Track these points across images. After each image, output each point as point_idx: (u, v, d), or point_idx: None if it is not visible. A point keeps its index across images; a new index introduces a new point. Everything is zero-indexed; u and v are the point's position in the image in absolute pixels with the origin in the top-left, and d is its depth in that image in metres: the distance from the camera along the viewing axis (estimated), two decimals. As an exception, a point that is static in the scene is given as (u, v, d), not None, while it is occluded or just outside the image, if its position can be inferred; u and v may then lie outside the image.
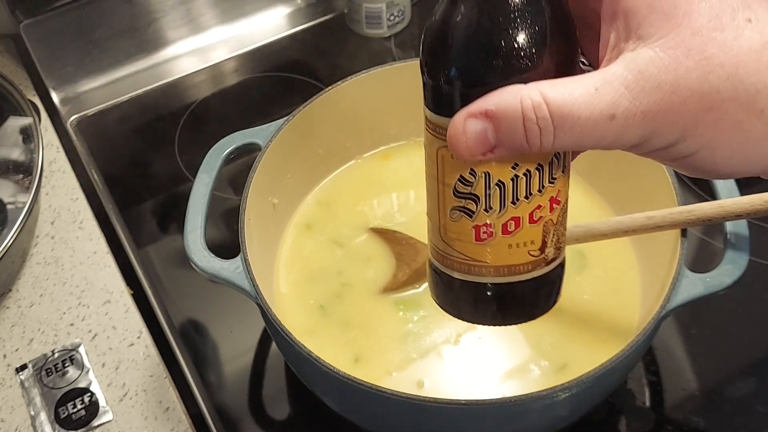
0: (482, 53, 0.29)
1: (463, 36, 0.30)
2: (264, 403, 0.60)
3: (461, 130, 0.29)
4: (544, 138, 0.29)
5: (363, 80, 0.61)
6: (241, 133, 0.58)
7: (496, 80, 0.29)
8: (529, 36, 0.29)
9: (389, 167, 0.66)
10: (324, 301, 0.58)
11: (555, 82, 0.29)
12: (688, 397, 0.57)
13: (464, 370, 0.54)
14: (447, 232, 0.33)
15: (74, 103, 0.83)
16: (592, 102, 0.28)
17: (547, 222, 0.32)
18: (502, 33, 0.29)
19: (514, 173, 0.30)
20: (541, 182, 0.31)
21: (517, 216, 0.31)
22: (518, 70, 0.29)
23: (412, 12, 0.88)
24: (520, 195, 0.31)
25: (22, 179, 0.63)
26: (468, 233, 0.32)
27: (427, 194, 0.34)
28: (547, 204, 0.32)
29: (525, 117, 0.28)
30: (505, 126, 0.29)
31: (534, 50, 0.29)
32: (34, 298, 0.63)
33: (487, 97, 0.29)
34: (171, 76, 0.85)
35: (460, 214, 0.32)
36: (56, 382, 0.58)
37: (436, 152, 0.32)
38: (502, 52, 0.29)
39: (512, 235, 0.32)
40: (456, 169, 0.31)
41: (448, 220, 0.33)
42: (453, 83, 0.30)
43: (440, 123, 0.31)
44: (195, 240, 0.52)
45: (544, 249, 0.33)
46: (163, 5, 0.86)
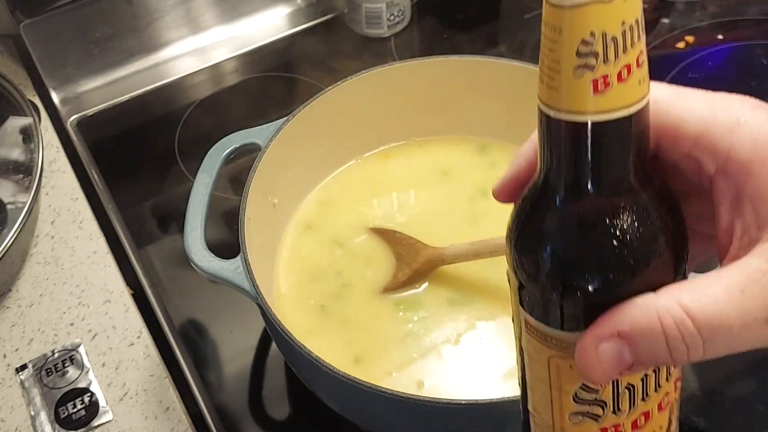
0: (606, 262, 0.26)
1: (582, 244, 0.26)
2: (264, 403, 0.60)
3: (594, 357, 0.26)
4: (692, 353, 0.25)
5: (363, 80, 0.61)
6: (241, 133, 0.58)
7: (621, 290, 0.26)
8: (653, 236, 0.26)
9: (389, 167, 0.66)
10: (324, 301, 0.58)
11: (690, 288, 0.26)
12: (688, 397, 0.57)
13: (464, 370, 0.54)
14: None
15: (74, 102, 0.83)
16: (741, 308, 0.25)
17: (672, 403, 0.30)
18: (624, 237, 0.26)
19: (644, 373, 0.28)
20: (668, 371, 0.29)
21: (647, 410, 0.29)
22: (645, 275, 0.26)
23: (412, 12, 0.88)
24: (649, 391, 0.28)
25: (22, 179, 0.63)
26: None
27: (531, 392, 0.31)
28: (673, 387, 0.30)
29: (668, 336, 0.25)
30: (644, 346, 0.26)
31: (659, 250, 0.26)
32: (34, 298, 0.63)
33: (616, 316, 0.26)
34: (171, 76, 0.85)
35: (583, 419, 0.29)
36: (56, 382, 0.58)
37: (547, 360, 0.29)
38: (627, 259, 0.26)
39: (641, 429, 0.29)
40: (577, 378, 0.28)
41: (566, 423, 0.30)
42: (571, 298, 0.27)
43: (553, 335, 0.28)
44: (195, 240, 0.52)
45: (670, 428, 0.31)
46: (163, 5, 0.86)
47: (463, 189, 0.64)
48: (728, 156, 0.27)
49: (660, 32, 0.84)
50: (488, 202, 0.63)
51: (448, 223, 0.62)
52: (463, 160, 0.66)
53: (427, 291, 0.58)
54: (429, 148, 0.67)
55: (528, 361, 0.30)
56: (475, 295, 0.57)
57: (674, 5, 0.87)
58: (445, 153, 0.66)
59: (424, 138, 0.67)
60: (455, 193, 0.64)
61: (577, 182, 0.26)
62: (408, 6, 0.86)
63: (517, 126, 0.65)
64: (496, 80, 0.62)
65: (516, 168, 0.31)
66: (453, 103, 0.65)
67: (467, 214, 0.62)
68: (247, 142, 0.58)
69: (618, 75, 0.24)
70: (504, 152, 0.66)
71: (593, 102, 0.25)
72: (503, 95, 0.63)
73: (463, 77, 0.63)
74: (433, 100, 0.64)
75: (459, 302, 0.57)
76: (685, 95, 0.28)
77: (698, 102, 0.28)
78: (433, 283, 0.58)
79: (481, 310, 0.57)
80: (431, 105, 0.65)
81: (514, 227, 0.29)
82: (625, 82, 0.25)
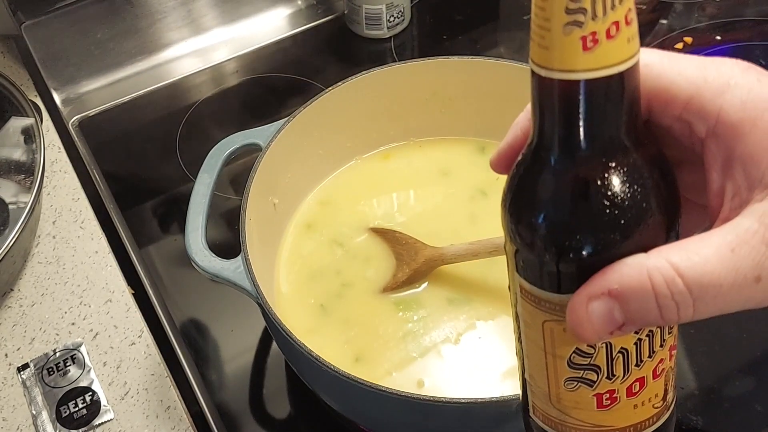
0: (597, 223, 0.26)
1: (573, 205, 0.27)
2: (264, 402, 0.60)
3: (584, 315, 0.26)
4: (682, 312, 0.26)
5: (363, 81, 0.61)
6: (241, 133, 0.58)
7: (612, 251, 0.26)
8: (645, 197, 0.26)
9: (389, 167, 0.66)
10: (324, 300, 0.58)
11: (681, 247, 0.26)
12: (686, 396, 0.58)
13: (464, 370, 0.54)
14: (561, 401, 0.30)
15: (76, 103, 0.83)
16: (731, 266, 0.25)
17: (667, 371, 0.30)
18: (616, 198, 0.26)
19: (637, 338, 0.28)
20: (662, 337, 0.29)
21: (642, 376, 0.29)
22: (636, 236, 0.26)
23: (411, 13, 0.88)
24: (643, 356, 0.28)
25: (23, 179, 0.63)
26: (588, 402, 0.29)
27: (528, 360, 0.31)
28: (668, 354, 0.29)
29: (658, 294, 0.25)
30: (635, 304, 0.26)
31: (651, 211, 0.26)
32: (35, 298, 0.64)
33: (607, 274, 0.26)
34: (172, 77, 0.85)
35: (578, 384, 0.29)
36: (57, 381, 0.58)
37: (541, 325, 0.29)
38: (618, 219, 0.26)
39: (637, 396, 0.29)
40: (570, 342, 0.28)
41: (562, 390, 0.30)
42: (563, 259, 0.27)
43: (546, 298, 0.28)
44: (196, 240, 0.52)
45: (666, 396, 0.30)
46: (164, 6, 0.86)
47: (463, 189, 0.64)
48: (718, 118, 0.27)
49: (658, 33, 0.85)
50: (488, 202, 0.63)
51: (448, 223, 0.62)
52: (462, 160, 0.66)
53: (427, 290, 0.58)
54: (429, 148, 0.67)
55: (523, 327, 0.30)
56: (475, 295, 0.58)
57: (673, 6, 0.88)
58: (445, 153, 0.67)
59: (424, 138, 0.67)
60: (455, 193, 0.64)
61: (569, 143, 0.27)
62: (408, 7, 0.87)
63: (516, 126, 0.65)
64: (496, 81, 0.62)
65: (512, 137, 0.31)
66: (453, 104, 0.65)
67: (467, 214, 0.63)
68: (248, 142, 0.58)
69: (607, 32, 0.25)
70: (503, 152, 0.66)
71: (583, 59, 0.25)
72: (503, 96, 0.63)
73: (463, 78, 0.63)
74: (433, 100, 0.65)
75: (458, 302, 0.57)
76: (676, 59, 0.28)
77: (689, 65, 0.28)
78: (433, 283, 0.59)
79: (481, 310, 0.57)
80: (431, 105, 0.65)
81: (507, 192, 0.29)
82: (614, 39, 0.25)
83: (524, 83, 0.67)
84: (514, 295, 0.30)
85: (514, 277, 0.29)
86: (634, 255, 0.26)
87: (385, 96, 0.63)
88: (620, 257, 0.26)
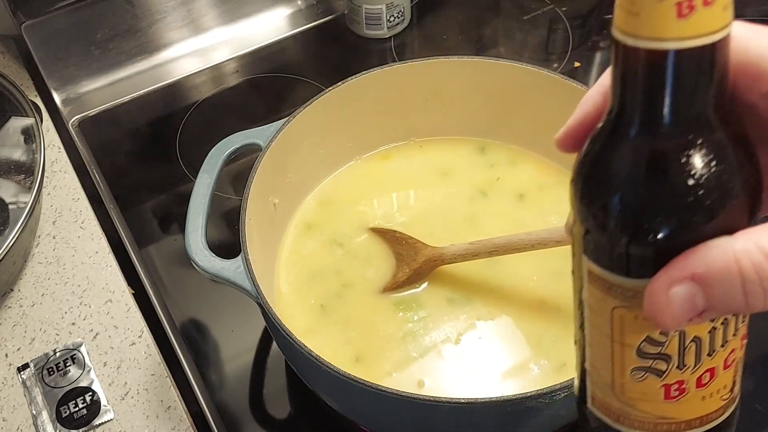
0: (681, 203, 0.25)
1: (655, 184, 0.25)
2: (265, 402, 0.60)
3: (664, 300, 0.25)
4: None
5: (363, 81, 0.61)
6: (241, 133, 0.58)
7: (696, 233, 0.25)
8: (731, 177, 0.25)
9: (389, 167, 0.66)
10: (324, 300, 0.58)
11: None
12: (686, 396, 0.58)
13: (464, 370, 0.54)
14: (626, 392, 0.29)
15: (76, 103, 0.83)
16: None
17: (737, 362, 0.29)
18: (701, 177, 0.24)
19: (711, 326, 0.27)
20: (735, 326, 0.27)
21: (713, 366, 0.28)
22: (720, 218, 0.25)
23: (411, 13, 0.88)
24: (716, 346, 0.27)
25: (23, 179, 0.63)
26: (656, 393, 0.28)
27: (591, 348, 0.30)
28: (739, 344, 0.28)
29: (745, 279, 0.24)
30: (719, 290, 0.24)
31: (736, 192, 0.25)
32: (35, 298, 0.64)
33: (690, 258, 0.25)
34: (172, 77, 0.85)
35: (645, 374, 0.28)
36: (58, 382, 0.58)
37: (610, 312, 0.27)
38: (703, 200, 0.24)
39: (706, 387, 0.28)
40: (641, 330, 0.27)
41: (627, 380, 0.29)
42: (641, 242, 0.25)
43: (618, 283, 0.27)
44: (196, 240, 0.52)
45: (734, 388, 0.29)
46: (164, 6, 0.86)
47: (463, 189, 0.64)
48: None
49: (659, 33, 0.85)
50: (488, 202, 0.63)
51: (448, 223, 0.62)
52: (463, 160, 0.66)
53: (427, 290, 0.58)
54: (429, 148, 0.67)
55: (588, 314, 0.29)
56: (475, 295, 0.58)
57: (673, 6, 0.88)
58: (445, 153, 0.67)
59: (424, 138, 0.67)
60: (455, 193, 0.64)
61: (652, 118, 0.25)
62: (408, 7, 0.87)
63: (516, 126, 0.65)
64: (496, 81, 0.62)
65: (582, 113, 0.29)
66: (453, 104, 0.65)
67: (467, 214, 0.63)
68: (248, 142, 0.58)
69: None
70: (504, 152, 0.66)
71: (676, 27, 0.23)
72: (503, 96, 0.63)
73: (463, 78, 0.63)
74: (433, 100, 0.65)
75: (459, 302, 0.57)
76: (765, 33, 0.27)
77: None
78: (433, 283, 0.59)
79: (481, 310, 0.57)
80: (431, 105, 0.65)
81: (580, 169, 0.27)
82: (710, 6, 0.23)
83: (524, 83, 0.67)
84: (579, 281, 0.29)
85: (582, 260, 0.28)
86: (719, 238, 0.25)
87: (385, 96, 0.63)
88: (703, 240, 0.25)
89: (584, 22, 0.88)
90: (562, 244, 0.53)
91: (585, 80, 0.82)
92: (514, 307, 0.57)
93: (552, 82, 0.60)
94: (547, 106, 0.62)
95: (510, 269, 0.58)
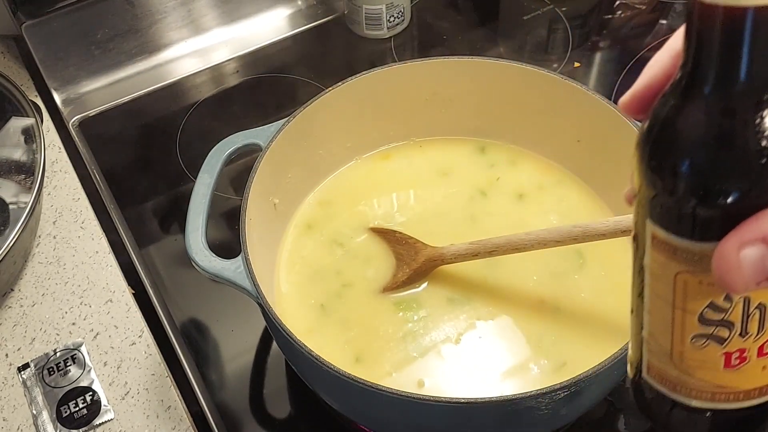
0: (755, 165, 0.24)
1: (729, 145, 0.25)
2: (265, 401, 0.60)
3: (734, 262, 0.25)
4: None
5: (363, 81, 0.61)
6: (242, 133, 0.58)
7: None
8: None
9: (389, 167, 0.67)
10: (324, 300, 0.58)
11: None
12: (686, 396, 0.58)
13: (464, 370, 0.54)
14: (684, 360, 0.29)
15: (76, 103, 0.83)
16: None
17: None
18: None
19: None
20: None
21: None
22: None
23: (411, 13, 0.88)
24: None
25: (24, 179, 0.63)
26: (715, 361, 0.28)
27: (650, 315, 0.30)
28: None
29: None
30: None
31: None
32: (36, 298, 0.64)
33: (762, 220, 0.24)
34: (172, 77, 0.85)
35: (707, 341, 0.28)
36: (58, 381, 0.58)
37: (673, 277, 0.27)
38: None
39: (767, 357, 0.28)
40: (705, 295, 0.27)
41: (687, 347, 0.29)
42: (712, 204, 0.25)
43: (684, 247, 0.26)
44: (196, 240, 0.52)
45: None
46: (165, 7, 0.86)
47: (463, 189, 0.64)
48: None
49: (658, 33, 0.85)
50: (488, 202, 0.63)
51: (448, 223, 0.62)
52: (462, 160, 0.66)
53: (427, 290, 0.58)
54: (429, 148, 0.67)
55: (650, 280, 0.29)
56: (475, 295, 0.58)
57: (673, 6, 0.88)
58: (445, 153, 0.67)
59: (424, 138, 0.68)
60: (455, 193, 0.64)
61: (727, 77, 0.25)
62: (408, 7, 0.87)
63: (516, 126, 0.65)
64: (496, 81, 0.62)
65: (650, 76, 0.29)
66: (453, 104, 0.65)
67: (467, 214, 0.63)
68: (248, 142, 0.58)
69: None
70: (503, 152, 0.66)
71: None
72: (502, 96, 0.63)
73: (463, 78, 0.63)
74: (433, 100, 0.65)
75: (459, 301, 0.57)
76: None
77: None
78: (433, 283, 0.59)
79: (481, 310, 0.57)
80: (431, 105, 0.65)
81: (649, 131, 0.27)
82: None
83: (524, 83, 0.67)
84: (642, 246, 0.28)
85: (646, 225, 0.28)
86: None
87: (385, 96, 0.63)
88: None
89: (584, 22, 0.88)
90: (562, 244, 0.53)
91: (585, 80, 0.82)
92: (514, 307, 0.57)
93: (552, 82, 0.60)
94: (547, 106, 0.62)
95: (510, 269, 0.58)
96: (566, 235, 0.52)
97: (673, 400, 0.30)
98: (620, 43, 0.85)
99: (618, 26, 0.86)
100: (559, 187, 0.63)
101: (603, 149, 0.60)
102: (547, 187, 0.64)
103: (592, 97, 0.58)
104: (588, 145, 0.62)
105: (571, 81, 0.59)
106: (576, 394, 0.46)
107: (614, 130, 0.57)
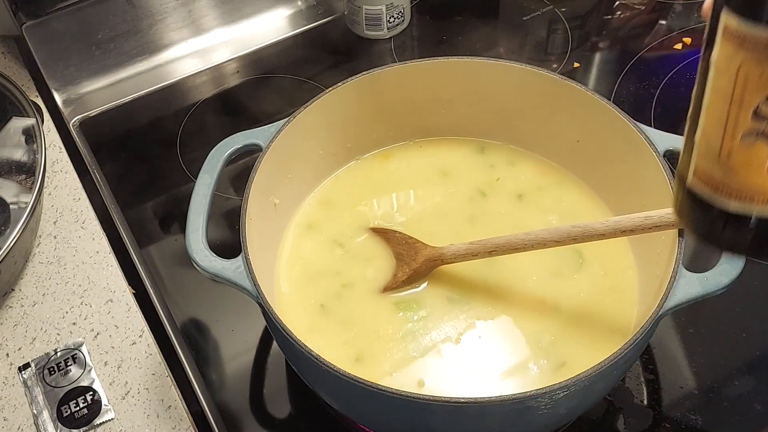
0: None
1: None
2: (265, 401, 0.60)
3: None
4: None
5: (363, 81, 0.61)
6: (242, 134, 0.58)
7: None
8: None
9: (389, 167, 0.67)
10: (324, 300, 0.58)
11: None
12: (685, 396, 0.58)
13: (464, 369, 0.54)
14: (732, 158, 0.30)
15: (77, 104, 0.83)
16: None
17: None
18: None
19: None
20: None
21: None
22: None
23: (411, 14, 0.88)
24: None
25: (24, 180, 0.63)
26: (761, 162, 0.29)
27: (706, 113, 0.31)
28: None
29: None
30: None
31: None
32: (36, 298, 0.64)
33: None
34: (173, 78, 0.85)
35: (756, 138, 0.29)
36: (58, 381, 0.59)
37: (737, 69, 0.28)
38: None
39: None
40: (764, 89, 0.28)
41: (736, 144, 0.30)
42: None
43: (755, 34, 0.27)
44: (197, 240, 0.52)
45: None
46: (165, 7, 0.86)
47: (463, 189, 0.64)
48: None
49: (658, 33, 0.85)
50: (488, 202, 0.64)
51: (448, 223, 0.62)
52: (462, 161, 0.66)
53: (427, 290, 0.59)
54: (429, 149, 0.67)
55: (713, 75, 0.30)
56: (475, 294, 0.58)
57: (672, 7, 0.88)
58: (445, 153, 0.67)
59: (424, 138, 0.68)
60: (455, 193, 0.64)
61: None
62: (407, 8, 0.87)
63: (516, 127, 0.65)
64: (496, 81, 0.62)
65: None
66: (452, 104, 0.65)
67: (467, 214, 0.63)
68: (249, 142, 0.58)
69: None
70: (503, 152, 0.66)
71: None
72: (502, 96, 0.63)
73: (463, 78, 0.63)
74: (433, 100, 0.65)
75: (458, 301, 0.57)
76: None
77: None
78: (433, 283, 0.59)
79: (481, 309, 0.57)
80: (431, 106, 0.65)
81: None
82: None
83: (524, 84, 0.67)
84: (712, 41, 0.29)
85: (720, 17, 0.29)
86: None
87: (385, 96, 0.63)
88: None
89: (583, 22, 0.88)
90: (561, 244, 0.53)
91: (584, 80, 0.82)
92: (514, 307, 0.57)
93: (552, 82, 0.60)
94: (546, 106, 0.62)
95: (510, 269, 0.58)
96: (566, 235, 0.52)
97: (712, 201, 0.32)
98: (620, 43, 0.85)
99: (617, 27, 0.87)
100: (558, 188, 0.64)
101: (602, 149, 0.60)
102: (547, 188, 0.64)
103: (592, 98, 0.58)
104: (587, 145, 0.62)
105: (571, 81, 0.59)
106: (576, 394, 0.46)
107: (614, 130, 0.57)
